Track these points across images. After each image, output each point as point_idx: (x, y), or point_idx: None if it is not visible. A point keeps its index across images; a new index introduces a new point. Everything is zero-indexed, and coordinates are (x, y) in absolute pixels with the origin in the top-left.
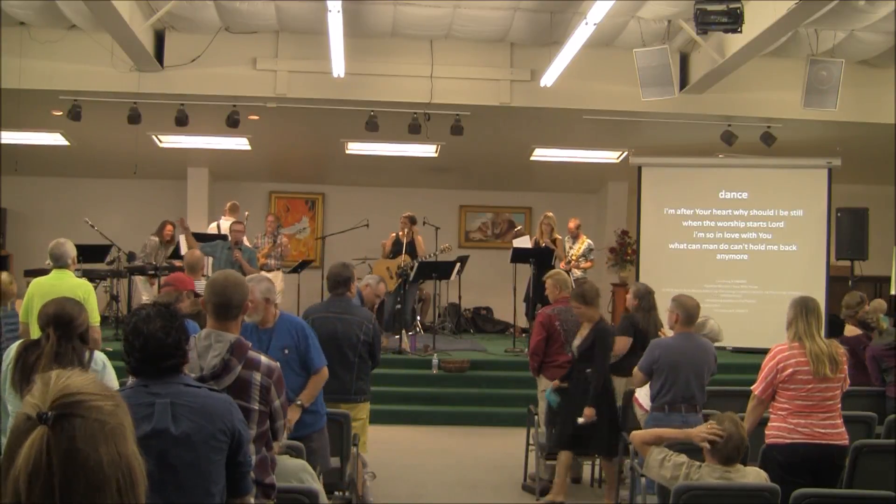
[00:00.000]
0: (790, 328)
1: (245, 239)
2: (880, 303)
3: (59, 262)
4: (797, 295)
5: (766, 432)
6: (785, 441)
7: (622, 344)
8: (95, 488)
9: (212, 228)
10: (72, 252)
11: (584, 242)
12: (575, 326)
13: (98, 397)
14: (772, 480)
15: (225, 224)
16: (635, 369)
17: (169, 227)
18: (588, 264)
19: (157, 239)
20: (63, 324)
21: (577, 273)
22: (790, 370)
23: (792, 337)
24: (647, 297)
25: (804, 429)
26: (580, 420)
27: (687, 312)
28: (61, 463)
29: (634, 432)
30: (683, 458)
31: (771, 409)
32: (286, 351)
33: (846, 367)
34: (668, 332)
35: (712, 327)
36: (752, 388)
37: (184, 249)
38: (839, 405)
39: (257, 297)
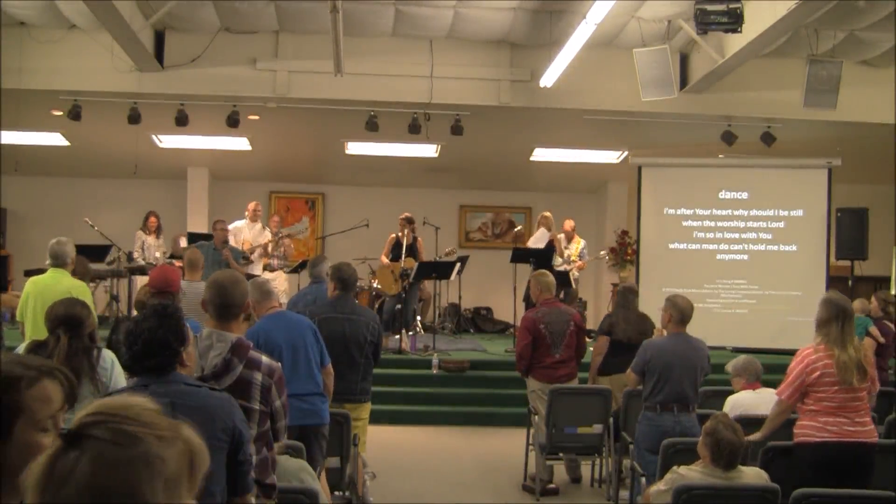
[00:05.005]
0: (821, 329)
1: (248, 241)
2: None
3: (58, 262)
4: (827, 294)
5: (795, 431)
6: (814, 440)
7: (600, 343)
8: None
9: (237, 230)
10: (72, 252)
11: (579, 243)
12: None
13: (132, 422)
14: (799, 480)
15: (242, 224)
16: (628, 370)
17: (153, 219)
18: (581, 264)
19: (142, 232)
20: (73, 325)
21: (575, 273)
22: (818, 373)
23: (822, 340)
24: (622, 295)
25: (833, 427)
26: None
27: (680, 313)
28: (60, 483)
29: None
30: (668, 475)
31: (798, 409)
32: None
33: (874, 370)
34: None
35: None
36: (776, 392)
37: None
38: (867, 404)
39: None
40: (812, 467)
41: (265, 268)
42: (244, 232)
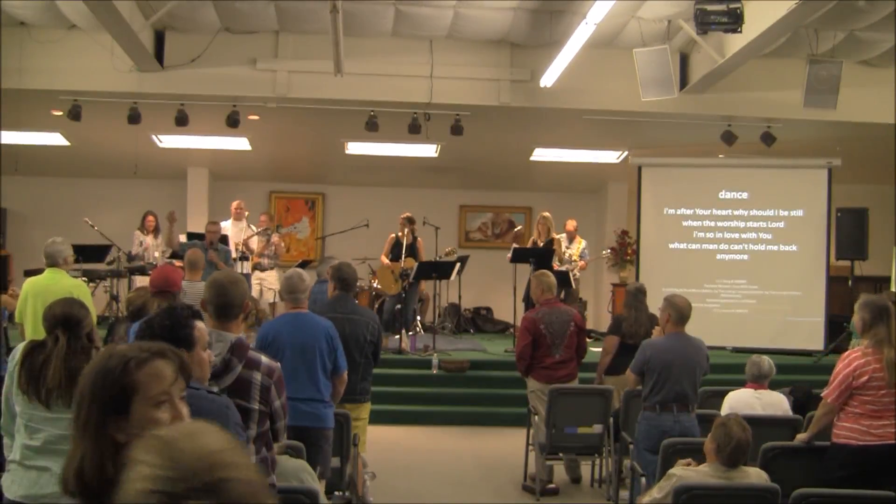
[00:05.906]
0: (868, 331)
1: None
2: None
3: (54, 261)
4: (864, 297)
5: (835, 431)
6: (857, 443)
7: (609, 343)
8: None
9: (224, 229)
10: (66, 252)
11: (580, 243)
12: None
13: (243, 461)
14: (832, 479)
15: (227, 225)
16: (628, 370)
17: (150, 218)
18: (583, 264)
19: (140, 232)
20: (72, 325)
21: (576, 274)
22: (866, 377)
23: (870, 342)
24: (633, 295)
25: (877, 430)
26: None
27: (679, 312)
28: None
29: None
30: (662, 482)
31: (840, 409)
32: None
33: None
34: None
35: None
36: (822, 394)
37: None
38: None
39: None
40: (847, 468)
41: (255, 267)
42: (228, 231)
